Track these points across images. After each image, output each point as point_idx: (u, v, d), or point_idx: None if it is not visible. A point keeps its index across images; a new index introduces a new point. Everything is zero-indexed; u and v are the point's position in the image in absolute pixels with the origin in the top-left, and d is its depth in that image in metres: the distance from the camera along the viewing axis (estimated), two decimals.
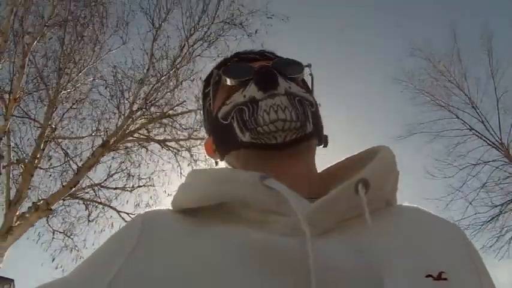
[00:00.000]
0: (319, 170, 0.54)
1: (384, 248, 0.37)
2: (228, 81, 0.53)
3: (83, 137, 6.86)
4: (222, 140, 0.53)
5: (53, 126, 6.22)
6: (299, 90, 0.51)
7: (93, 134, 6.80)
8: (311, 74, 0.58)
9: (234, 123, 0.49)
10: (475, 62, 10.39)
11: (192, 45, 7.18)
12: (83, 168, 6.14)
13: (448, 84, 9.89)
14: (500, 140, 8.72)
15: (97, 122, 6.86)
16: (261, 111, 0.47)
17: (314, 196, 0.41)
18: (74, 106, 6.42)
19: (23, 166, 5.83)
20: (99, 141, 6.55)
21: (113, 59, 7.03)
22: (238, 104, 0.50)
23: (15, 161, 5.76)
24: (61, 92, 6.27)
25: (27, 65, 5.72)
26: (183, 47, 7.31)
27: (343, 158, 0.54)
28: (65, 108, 6.47)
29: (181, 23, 7.36)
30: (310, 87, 0.58)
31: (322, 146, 0.56)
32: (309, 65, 0.56)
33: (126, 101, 6.89)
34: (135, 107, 6.74)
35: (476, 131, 9.16)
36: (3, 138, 5.47)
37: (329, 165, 0.55)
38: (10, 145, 5.71)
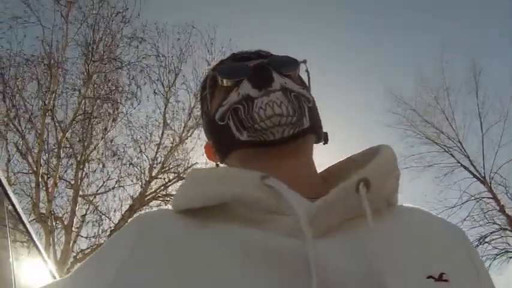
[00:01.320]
0: (318, 171, 0.54)
1: (385, 248, 0.37)
2: (224, 82, 0.52)
3: (108, 191, 7.95)
4: (220, 142, 0.53)
5: (82, 186, 7.31)
6: (295, 86, 0.51)
7: (116, 186, 7.88)
8: (307, 71, 0.58)
9: (230, 123, 0.49)
10: (463, 98, 10.99)
11: (198, 120, 8.11)
12: (115, 229, 7.30)
13: (438, 117, 10.58)
14: (484, 175, 9.51)
15: (119, 171, 7.93)
16: (256, 108, 0.47)
17: (315, 196, 0.41)
18: (104, 186, 7.44)
19: (62, 226, 6.98)
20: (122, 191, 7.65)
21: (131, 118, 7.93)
22: (234, 103, 0.49)
23: (53, 219, 6.87)
24: (87, 154, 7.32)
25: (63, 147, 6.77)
26: (192, 110, 8.24)
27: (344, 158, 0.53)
28: (91, 166, 7.50)
29: (191, 82, 8.28)
30: (307, 83, 0.57)
31: (323, 143, 0.56)
32: (304, 61, 0.56)
33: (145, 164, 7.92)
34: (154, 172, 7.79)
35: (461, 164, 9.95)
36: (49, 217, 6.59)
37: (329, 165, 0.55)
38: (53, 215, 6.84)
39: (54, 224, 6.68)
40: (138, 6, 7.73)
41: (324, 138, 0.56)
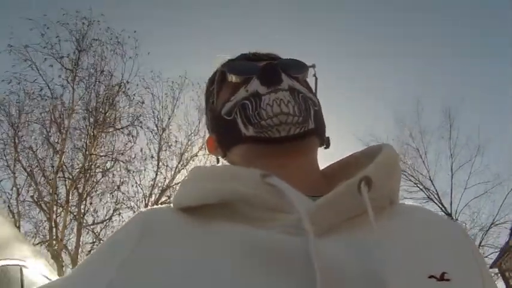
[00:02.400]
0: (320, 168, 0.54)
1: (386, 247, 0.36)
2: (233, 78, 0.54)
3: (107, 220, 9.11)
4: (225, 136, 0.54)
5: (85, 218, 8.49)
6: (302, 88, 0.52)
7: (113, 215, 9.03)
8: (315, 75, 0.59)
9: (237, 119, 0.50)
10: (437, 140, 11.65)
11: (190, 160, 9.16)
12: None
13: (412, 154, 11.32)
14: (450, 211, 10.32)
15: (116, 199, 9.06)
16: (264, 105, 0.48)
17: (317, 194, 0.41)
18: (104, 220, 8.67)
19: (69, 257, 8.29)
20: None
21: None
22: (241, 99, 0.50)
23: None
24: (88, 189, 8.52)
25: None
26: (183, 153, 9.32)
27: (346, 156, 0.54)
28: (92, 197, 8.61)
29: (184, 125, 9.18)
30: (313, 89, 0.58)
31: (324, 147, 0.57)
32: (313, 66, 0.57)
33: (140, 196, 9.06)
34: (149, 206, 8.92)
35: (431, 199, 10.76)
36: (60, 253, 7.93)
37: (331, 163, 0.56)
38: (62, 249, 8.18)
39: (62, 257, 7.99)
40: (135, 67, 8.73)
41: (326, 142, 0.57)
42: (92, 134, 8.04)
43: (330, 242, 0.37)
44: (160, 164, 9.12)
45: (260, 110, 0.48)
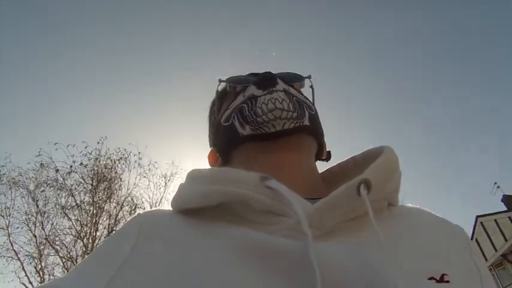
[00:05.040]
0: (320, 171, 0.55)
1: (386, 249, 0.36)
2: (231, 88, 0.58)
3: None
4: (224, 142, 0.55)
5: None
6: (297, 93, 0.55)
7: None
8: (311, 87, 0.61)
9: (235, 122, 0.52)
10: None
11: None
12: None
13: None
14: None
15: None
16: (259, 104, 0.50)
17: (316, 197, 0.42)
18: None
19: None
20: None
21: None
22: (239, 103, 0.53)
23: None
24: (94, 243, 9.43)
25: None
26: None
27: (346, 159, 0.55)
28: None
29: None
30: (311, 99, 0.60)
31: (325, 160, 0.58)
32: (308, 77, 0.60)
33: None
34: None
35: None
36: None
37: (331, 166, 0.57)
38: None
39: None
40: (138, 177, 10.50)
41: (326, 155, 0.58)
42: (109, 230, 10.07)
43: (330, 244, 0.37)
44: None
45: (256, 108, 0.50)
